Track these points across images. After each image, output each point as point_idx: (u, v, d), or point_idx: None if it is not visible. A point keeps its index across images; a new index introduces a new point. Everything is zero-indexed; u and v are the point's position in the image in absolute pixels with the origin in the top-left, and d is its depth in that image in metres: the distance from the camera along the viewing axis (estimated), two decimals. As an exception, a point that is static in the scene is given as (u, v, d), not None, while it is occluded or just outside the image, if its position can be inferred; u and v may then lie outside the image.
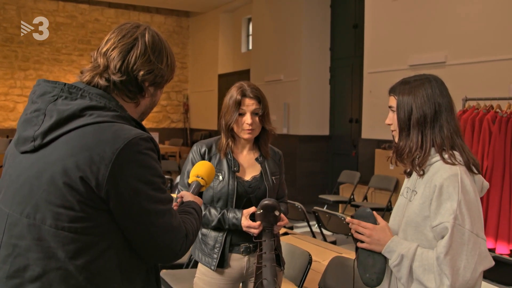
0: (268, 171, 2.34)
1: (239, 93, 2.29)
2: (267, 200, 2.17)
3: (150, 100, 1.47)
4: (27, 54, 11.60)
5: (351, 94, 8.44)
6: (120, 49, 1.37)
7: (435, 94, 1.72)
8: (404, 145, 1.74)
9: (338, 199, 6.97)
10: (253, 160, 2.37)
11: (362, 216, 1.78)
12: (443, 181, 1.63)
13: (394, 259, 1.68)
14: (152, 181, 1.29)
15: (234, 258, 2.29)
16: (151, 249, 1.33)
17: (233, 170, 2.29)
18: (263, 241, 2.17)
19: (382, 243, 1.71)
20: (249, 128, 2.28)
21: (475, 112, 4.77)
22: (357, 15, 8.17)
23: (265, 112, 2.31)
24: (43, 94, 1.33)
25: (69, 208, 1.23)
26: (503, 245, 4.48)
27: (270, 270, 2.11)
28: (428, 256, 1.63)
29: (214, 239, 2.29)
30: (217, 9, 12.12)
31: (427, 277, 1.61)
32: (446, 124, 1.72)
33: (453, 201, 1.60)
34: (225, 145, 2.32)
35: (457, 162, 1.67)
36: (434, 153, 1.72)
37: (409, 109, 1.72)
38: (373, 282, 1.73)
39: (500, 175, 4.51)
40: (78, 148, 1.24)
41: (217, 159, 2.31)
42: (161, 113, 13.38)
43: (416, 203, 1.71)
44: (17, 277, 1.25)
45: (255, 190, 2.30)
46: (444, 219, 1.60)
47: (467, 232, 1.59)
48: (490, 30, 5.43)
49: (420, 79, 1.76)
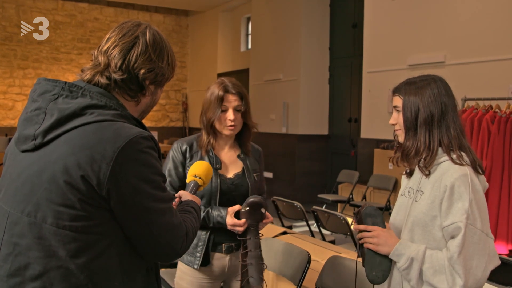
0: (249, 167, 2.34)
1: (221, 89, 2.27)
2: (253, 198, 2.16)
3: (150, 98, 1.48)
4: (26, 52, 11.58)
5: (350, 94, 8.44)
6: (121, 47, 1.38)
7: (441, 94, 1.73)
8: (411, 145, 1.74)
9: (337, 198, 6.96)
10: (234, 157, 2.36)
11: (370, 215, 1.78)
12: (454, 181, 1.64)
13: (404, 262, 1.68)
14: (153, 180, 1.30)
15: (216, 257, 2.29)
16: (152, 248, 1.34)
17: (215, 167, 2.27)
18: (248, 239, 2.14)
19: (389, 244, 1.72)
20: (231, 124, 2.26)
21: (474, 112, 4.77)
22: (356, 15, 8.17)
23: (247, 109, 2.29)
24: (43, 92, 1.34)
25: (70, 207, 1.23)
26: (501, 245, 4.49)
27: (256, 267, 2.10)
28: (438, 257, 1.64)
29: (197, 237, 2.27)
30: (216, 8, 12.11)
31: (438, 278, 1.62)
32: (452, 124, 1.73)
33: (464, 201, 1.61)
34: (206, 142, 2.30)
35: (465, 163, 1.69)
36: (441, 153, 1.72)
37: (416, 109, 1.73)
38: (379, 279, 1.74)
39: (499, 175, 4.52)
40: (79, 147, 1.24)
41: (199, 157, 2.29)
42: (160, 112, 13.38)
43: (424, 203, 1.71)
44: (18, 276, 1.26)
45: (239, 187, 2.29)
46: (457, 218, 1.61)
47: (479, 231, 1.61)
48: (489, 30, 5.43)
49: (426, 79, 1.77)
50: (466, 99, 5.00)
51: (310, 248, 2.96)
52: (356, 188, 6.89)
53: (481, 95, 4.82)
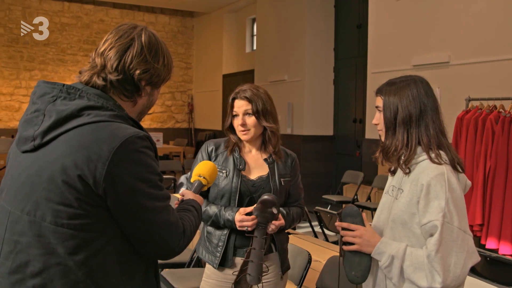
0: (276, 172, 2.33)
1: (232, 96, 2.34)
2: (266, 195, 2.15)
3: (147, 99, 1.50)
4: (32, 54, 11.66)
5: (355, 94, 8.44)
6: (117, 49, 1.40)
7: (420, 95, 1.77)
8: (390, 144, 1.79)
9: (341, 199, 6.97)
10: (261, 160, 2.36)
11: (350, 215, 1.81)
12: (430, 180, 1.67)
13: (385, 260, 1.71)
14: (149, 179, 1.32)
15: (238, 262, 2.27)
16: (149, 245, 1.36)
17: (238, 168, 2.30)
18: (254, 237, 2.14)
19: (372, 244, 1.75)
20: (242, 129, 2.30)
21: (478, 112, 4.76)
22: (361, 15, 8.17)
23: (259, 111, 2.29)
24: (42, 95, 1.37)
25: (68, 206, 1.26)
26: (506, 245, 4.47)
27: (256, 266, 2.10)
28: (417, 255, 1.67)
29: (218, 237, 2.30)
30: (222, 9, 12.14)
31: (418, 275, 1.65)
32: (431, 124, 1.76)
33: (441, 200, 1.64)
34: (232, 143, 2.36)
35: (443, 162, 1.72)
36: (420, 152, 1.76)
37: (395, 109, 1.77)
38: (358, 279, 1.77)
39: (503, 175, 4.50)
40: (76, 147, 1.27)
41: (224, 157, 2.34)
42: (166, 113, 13.41)
43: (403, 201, 1.75)
44: (19, 273, 1.29)
45: (259, 189, 2.29)
46: (433, 217, 1.64)
47: (456, 229, 1.64)
48: (493, 30, 5.41)
49: (406, 80, 1.81)
50: (470, 99, 4.98)
51: (312, 249, 2.97)
52: (360, 188, 6.89)
53: (485, 95, 4.80)
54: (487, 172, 4.58)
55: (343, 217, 1.81)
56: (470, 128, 4.74)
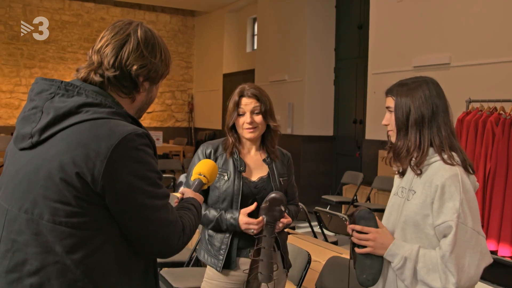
0: (275, 172, 2.32)
1: (237, 94, 2.31)
2: (274, 193, 2.14)
3: (146, 95, 1.48)
4: (32, 52, 11.65)
5: (355, 95, 8.43)
6: (113, 45, 1.40)
7: (432, 96, 1.76)
8: (402, 145, 1.78)
9: (341, 199, 6.96)
10: (260, 161, 2.35)
11: (364, 218, 1.78)
12: (444, 181, 1.66)
13: (397, 262, 1.70)
14: (148, 176, 1.31)
15: (241, 262, 2.25)
16: (148, 244, 1.35)
17: (239, 170, 2.27)
18: (263, 236, 2.13)
19: (384, 246, 1.74)
20: (249, 127, 2.27)
21: (479, 114, 4.76)
22: (362, 16, 8.16)
23: (267, 110, 2.29)
24: (40, 92, 1.36)
25: (66, 203, 1.25)
26: (505, 247, 4.47)
27: (267, 265, 2.09)
28: (431, 256, 1.66)
29: (220, 240, 2.26)
30: (222, 8, 12.14)
31: (432, 276, 1.65)
32: (443, 125, 1.76)
33: (455, 200, 1.64)
34: (231, 145, 2.32)
35: (456, 163, 1.71)
36: (432, 153, 1.75)
37: (407, 110, 1.76)
38: (369, 282, 1.76)
39: (503, 177, 4.50)
40: (74, 144, 1.26)
41: (223, 159, 2.30)
42: (166, 112, 13.41)
43: (416, 202, 1.73)
44: (16, 272, 1.28)
45: (261, 191, 2.27)
46: (448, 217, 1.63)
47: (470, 230, 1.64)
48: (494, 32, 5.41)
49: (418, 81, 1.80)
50: (470, 101, 4.98)
51: (311, 249, 2.96)
52: (360, 189, 6.87)
53: (486, 97, 4.80)
54: (487, 174, 4.58)
55: (357, 220, 1.79)
56: (470, 130, 4.73)
